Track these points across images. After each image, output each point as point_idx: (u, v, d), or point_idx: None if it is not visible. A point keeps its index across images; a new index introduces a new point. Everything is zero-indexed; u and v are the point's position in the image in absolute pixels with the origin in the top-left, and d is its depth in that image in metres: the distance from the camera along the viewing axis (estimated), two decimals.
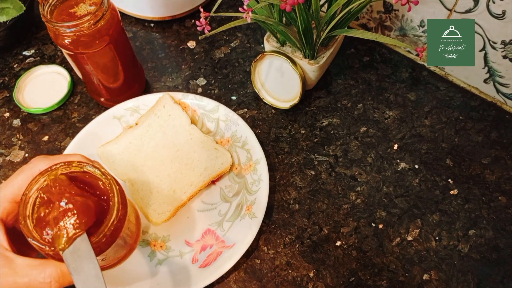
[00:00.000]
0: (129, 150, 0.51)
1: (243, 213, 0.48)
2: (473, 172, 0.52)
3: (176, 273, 0.46)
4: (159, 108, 0.53)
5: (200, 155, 0.51)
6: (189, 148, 0.51)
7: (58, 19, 0.46)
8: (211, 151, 0.51)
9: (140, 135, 0.52)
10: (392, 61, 0.62)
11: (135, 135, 0.52)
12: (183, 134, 0.52)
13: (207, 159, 0.50)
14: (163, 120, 0.53)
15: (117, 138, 0.52)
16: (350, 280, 0.46)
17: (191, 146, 0.51)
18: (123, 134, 0.53)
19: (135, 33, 0.66)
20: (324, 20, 0.47)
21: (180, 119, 0.53)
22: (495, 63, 0.53)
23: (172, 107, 0.53)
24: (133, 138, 0.52)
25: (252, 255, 0.47)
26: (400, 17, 0.58)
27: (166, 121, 0.53)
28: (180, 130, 0.52)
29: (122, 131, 0.54)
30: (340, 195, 0.51)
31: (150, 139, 0.52)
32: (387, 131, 0.56)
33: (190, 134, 0.52)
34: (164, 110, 0.53)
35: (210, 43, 0.64)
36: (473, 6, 0.50)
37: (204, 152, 0.51)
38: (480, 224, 0.49)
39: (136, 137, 0.52)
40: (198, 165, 0.50)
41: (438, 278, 0.45)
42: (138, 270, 0.46)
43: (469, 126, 0.56)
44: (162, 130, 0.52)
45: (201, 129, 0.55)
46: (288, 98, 0.55)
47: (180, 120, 0.53)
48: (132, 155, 0.51)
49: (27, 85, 0.60)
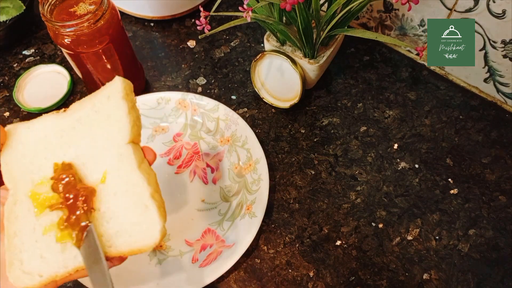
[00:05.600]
0: (37, 147, 0.33)
1: (243, 213, 0.48)
2: (473, 172, 0.52)
3: (176, 273, 0.46)
4: (102, 99, 0.34)
5: (119, 204, 0.31)
6: (110, 184, 0.32)
7: (58, 18, 0.46)
8: (138, 206, 0.31)
9: (61, 131, 0.33)
10: (392, 60, 0.62)
11: (55, 128, 0.34)
12: (111, 157, 0.32)
13: (125, 216, 0.31)
14: (99, 119, 0.33)
15: (35, 120, 0.34)
16: (350, 280, 0.46)
17: (114, 181, 0.32)
18: (44, 119, 0.34)
19: (135, 33, 0.66)
20: (324, 19, 0.47)
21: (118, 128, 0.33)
22: (495, 63, 0.53)
23: (117, 103, 0.33)
24: (51, 131, 0.34)
25: (252, 255, 0.47)
26: (400, 16, 0.58)
27: (101, 122, 0.33)
28: (109, 147, 0.33)
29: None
30: (340, 194, 0.51)
31: (70, 143, 0.33)
32: (387, 131, 0.56)
33: (120, 160, 0.32)
34: (107, 104, 0.33)
35: (210, 43, 0.64)
36: (473, 5, 0.50)
37: (126, 202, 0.31)
38: (480, 224, 0.49)
39: (56, 132, 0.33)
40: (113, 221, 0.31)
41: (438, 278, 0.45)
42: (138, 270, 0.46)
43: (469, 125, 0.56)
44: (92, 136, 0.33)
45: (200, 129, 0.55)
46: (288, 97, 0.55)
47: (118, 130, 0.33)
48: (38, 157, 0.33)
49: (27, 84, 0.60)
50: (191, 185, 0.52)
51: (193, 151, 0.54)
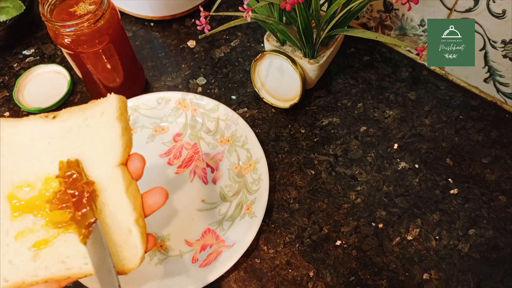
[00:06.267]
0: (22, 149, 0.32)
1: (243, 213, 0.48)
2: (473, 172, 0.52)
3: (176, 273, 0.46)
4: (95, 114, 0.32)
5: (104, 223, 0.31)
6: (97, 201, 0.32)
7: (58, 18, 0.46)
8: (122, 229, 0.31)
9: (49, 137, 0.33)
10: (392, 60, 0.62)
11: (43, 133, 0.33)
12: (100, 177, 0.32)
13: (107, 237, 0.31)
14: (90, 134, 0.32)
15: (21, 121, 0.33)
16: (350, 280, 0.46)
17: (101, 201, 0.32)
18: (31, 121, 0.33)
19: (135, 33, 0.66)
20: (324, 19, 0.47)
21: (109, 148, 0.32)
22: (495, 63, 0.53)
23: (111, 122, 0.32)
24: (39, 135, 0.33)
25: (252, 255, 0.47)
26: (400, 16, 0.58)
27: (92, 138, 0.32)
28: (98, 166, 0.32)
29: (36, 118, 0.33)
30: (340, 194, 0.51)
31: (58, 152, 0.32)
32: (387, 131, 0.56)
33: (108, 181, 0.32)
34: (99, 121, 0.32)
35: (210, 42, 0.64)
36: (473, 5, 0.50)
37: (110, 223, 0.31)
38: (480, 224, 0.49)
39: (44, 137, 0.33)
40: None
41: (438, 278, 0.45)
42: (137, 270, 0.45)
43: (469, 125, 0.56)
44: (81, 149, 0.32)
45: (200, 129, 0.55)
46: (288, 97, 0.55)
47: (109, 151, 0.32)
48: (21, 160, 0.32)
49: (27, 84, 0.60)
50: (191, 185, 0.52)
51: (193, 151, 0.54)
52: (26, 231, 0.31)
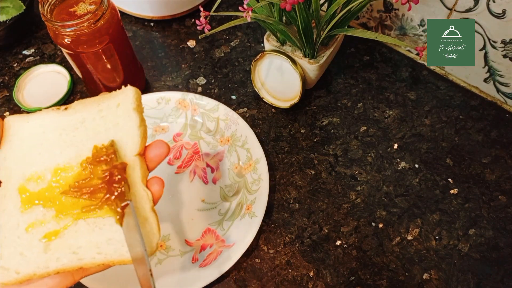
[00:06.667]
0: (34, 142, 0.33)
1: (243, 213, 0.48)
2: (473, 172, 0.52)
3: (176, 273, 0.46)
4: (111, 105, 0.33)
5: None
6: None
7: (58, 18, 0.46)
8: (139, 218, 0.31)
9: (61, 128, 0.33)
10: (392, 60, 0.62)
11: (55, 125, 0.33)
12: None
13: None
14: (105, 125, 0.33)
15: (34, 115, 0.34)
16: (350, 280, 0.46)
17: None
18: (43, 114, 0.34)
19: (135, 33, 0.66)
20: (324, 19, 0.47)
21: (126, 139, 0.32)
22: (495, 62, 0.53)
23: (128, 113, 0.33)
24: (50, 128, 0.33)
25: (252, 255, 0.47)
26: (400, 16, 0.58)
27: (108, 129, 0.33)
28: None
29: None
30: (340, 194, 0.51)
31: (70, 143, 0.33)
32: (387, 131, 0.56)
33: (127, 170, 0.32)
34: (116, 112, 0.33)
35: (210, 42, 0.64)
36: (473, 5, 0.50)
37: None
38: (480, 224, 0.49)
39: (55, 129, 0.33)
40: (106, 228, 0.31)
41: (438, 278, 0.45)
42: None
43: (469, 125, 0.56)
44: (96, 140, 0.32)
45: (200, 129, 0.55)
46: (288, 97, 0.55)
47: (126, 141, 0.32)
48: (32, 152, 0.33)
49: (27, 84, 0.60)
50: (191, 185, 0.52)
51: (193, 151, 0.54)
52: (36, 223, 0.31)
